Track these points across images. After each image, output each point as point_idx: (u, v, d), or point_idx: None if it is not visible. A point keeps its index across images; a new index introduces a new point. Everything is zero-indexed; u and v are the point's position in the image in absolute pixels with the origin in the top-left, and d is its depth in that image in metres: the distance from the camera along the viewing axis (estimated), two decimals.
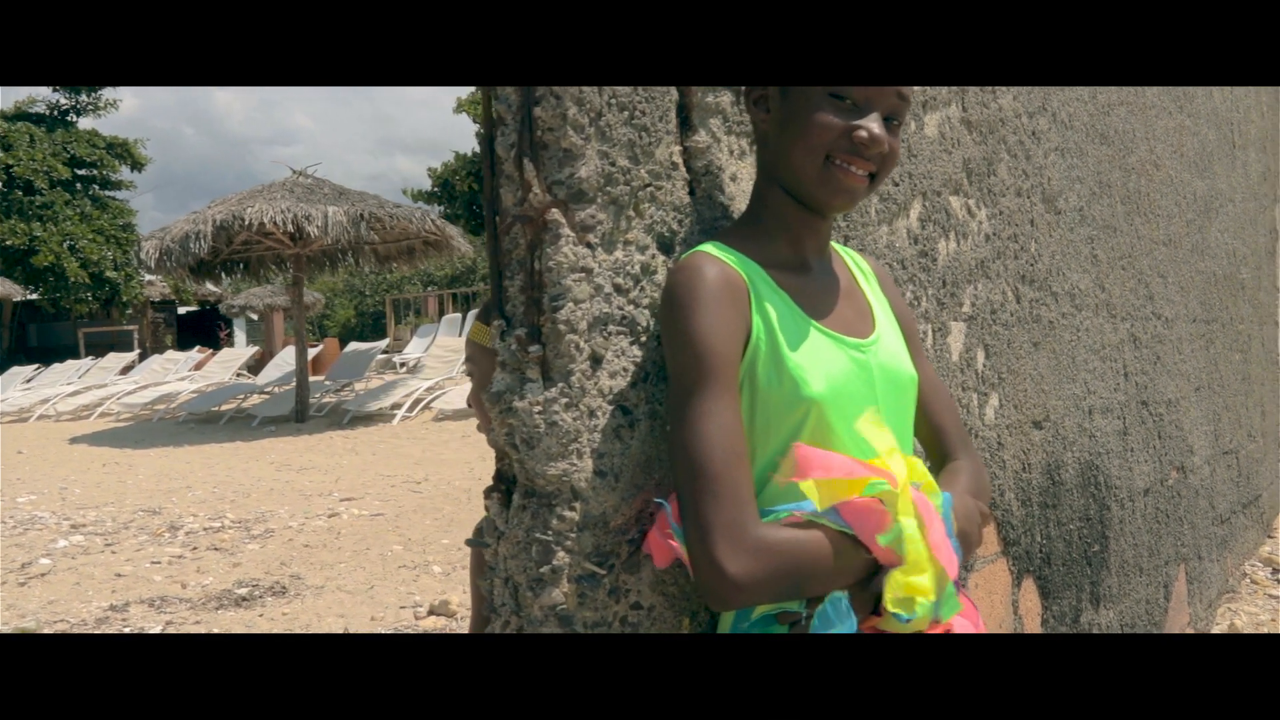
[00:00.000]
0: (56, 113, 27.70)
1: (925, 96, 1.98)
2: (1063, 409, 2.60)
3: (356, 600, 4.88)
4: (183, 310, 32.83)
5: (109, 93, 28.11)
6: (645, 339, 1.24)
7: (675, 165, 1.32)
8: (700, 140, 1.36)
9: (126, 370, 19.80)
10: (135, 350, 23.91)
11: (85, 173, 26.65)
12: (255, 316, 24.11)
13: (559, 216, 1.18)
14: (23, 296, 26.04)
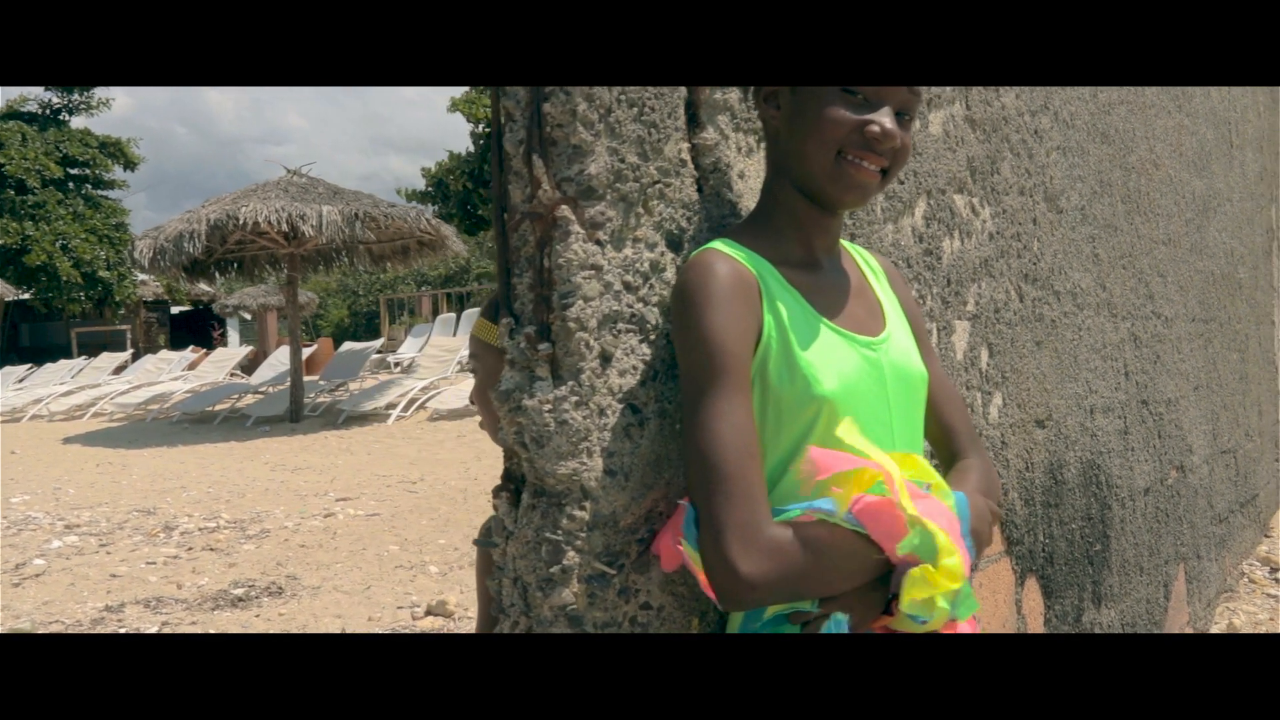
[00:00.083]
0: (49, 111, 27.61)
1: (930, 94, 1.98)
2: (1065, 408, 2.60)
3: (353, 600, 4.86)
4: (176, 310, 32.74)
5: (101, 92, 28.03)
6: (654, 337, 1.23)
7: (684, 162, 1.31)
8: (708, 137, 1.35)
9: (120, 370, 19.73)
10: (128, 350, 23.85)
11: (78, 172, 26.55)
12: (249, 316, 24.04)
13: (568, 213, 1.17)
14: (15, 296, 25.93)
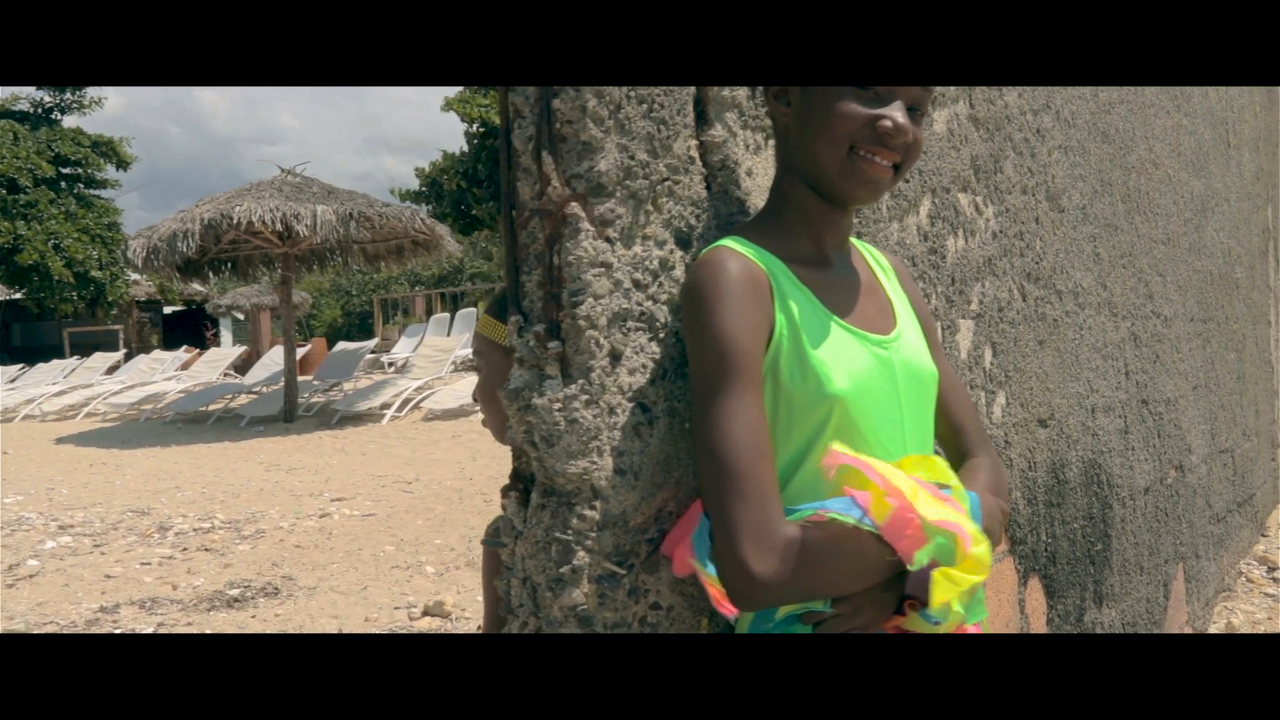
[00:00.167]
0: (40, 110, 27.48)
1: (934, 93, 1.97)
2: (1067, 407, 2.59)
3: (350, 601, 4.84)
4: (168, 310, 32.63)
5: (93, 91, 27.91)
6: (664, 335, 1.22)
7: (693, 159, 1.30)
8: (716, 134, 1.35)
9: (112, 370, 19.67)
10: (121, 350, 23.77)
11: (70, 171, 26.40)
12: (241, 316, 23.99)
13: (578, 210, 1.16)
14: (6, 296, 25.83)
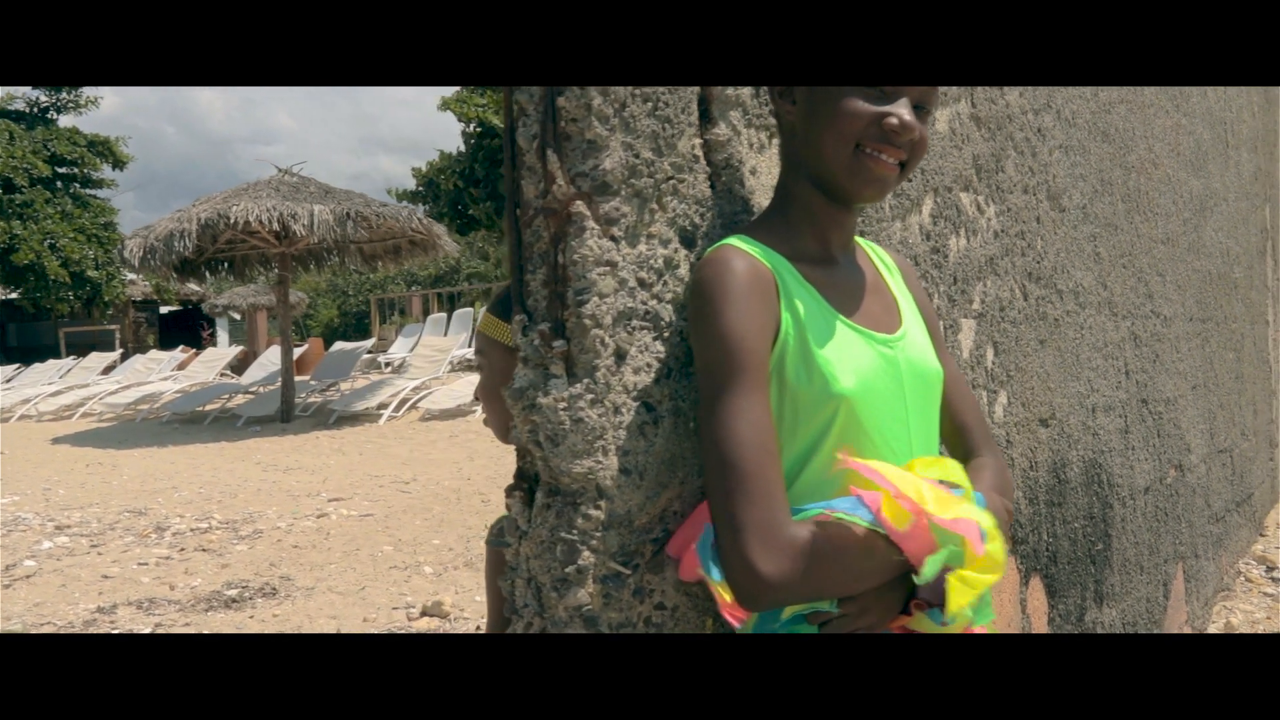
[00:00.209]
0: (36, 110, 27.44)
1: (939, 91, 1.97)
2: (1068, 407, 2.59)
3: (348, 601, 4.83)
4: (165, 310, 32.59)
5: (89, 90, 27.89)
6: (668, 334, 1.22)
7: (697, 158, 1.30)
8: (720, 133, 1.34)
9: (109, 370, 19.63)
10: (117, 350, 23.72)
11: (66, 171, 26.36)
12: (238, 316, 23.95)
13: (583, 209, 1.16)
14: (2, 296, 25.76)
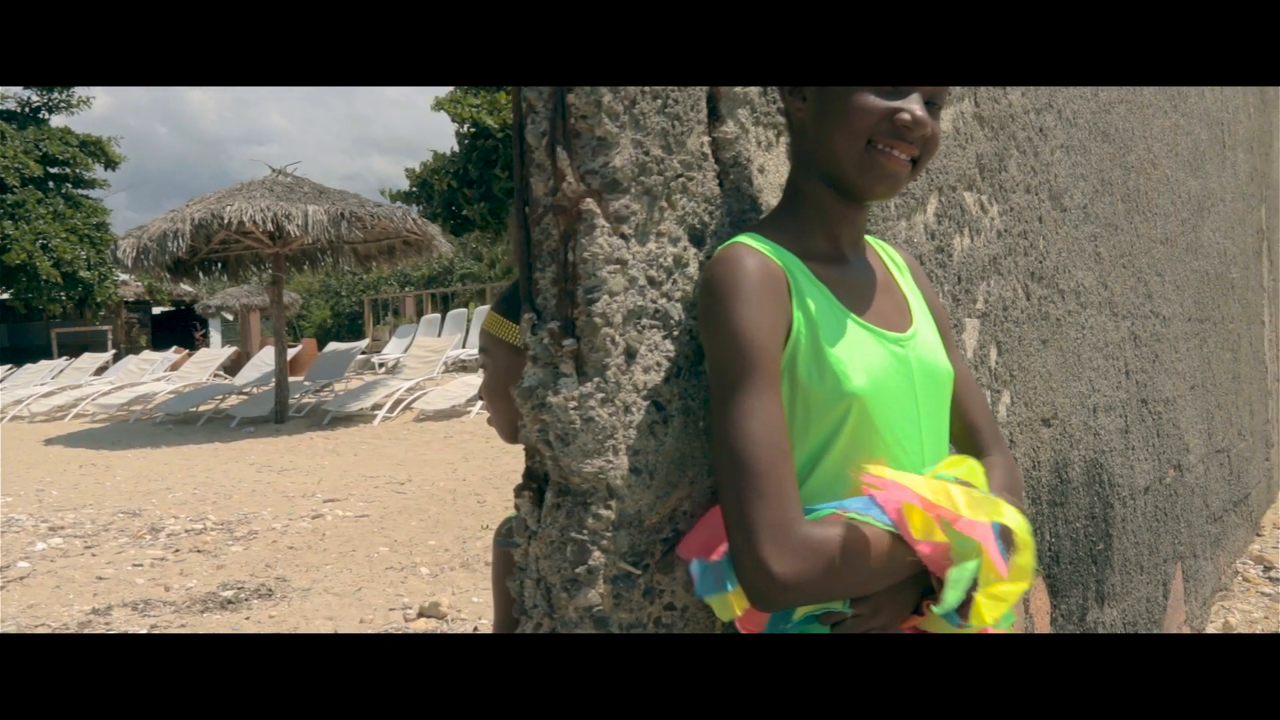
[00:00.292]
0: (28, 110, 27.34)
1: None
2: (1069, 407, 2.59)
3: (344, 602, 4.81)
4: (157, 310, 32.49)
5: (81, 90, 27.77)
6: (678, 333, 1.21)
7: (706, 156, 1.29)
8: (729, 131, 1.33)
9: (101, 371, 19.57)
10: (110, 350, 23.65)
11: (58, 171, 26.28)
12: (231, 317, 23.90)
13: (593, 206, 1.15)
14: None
